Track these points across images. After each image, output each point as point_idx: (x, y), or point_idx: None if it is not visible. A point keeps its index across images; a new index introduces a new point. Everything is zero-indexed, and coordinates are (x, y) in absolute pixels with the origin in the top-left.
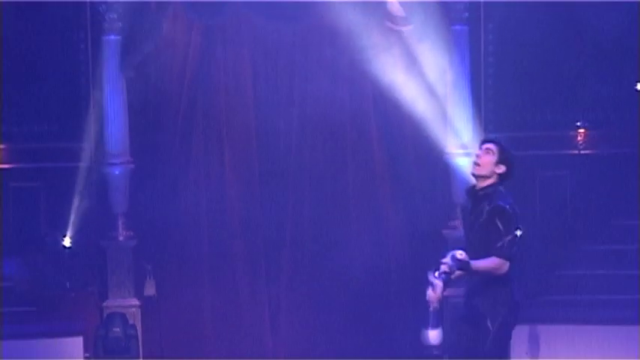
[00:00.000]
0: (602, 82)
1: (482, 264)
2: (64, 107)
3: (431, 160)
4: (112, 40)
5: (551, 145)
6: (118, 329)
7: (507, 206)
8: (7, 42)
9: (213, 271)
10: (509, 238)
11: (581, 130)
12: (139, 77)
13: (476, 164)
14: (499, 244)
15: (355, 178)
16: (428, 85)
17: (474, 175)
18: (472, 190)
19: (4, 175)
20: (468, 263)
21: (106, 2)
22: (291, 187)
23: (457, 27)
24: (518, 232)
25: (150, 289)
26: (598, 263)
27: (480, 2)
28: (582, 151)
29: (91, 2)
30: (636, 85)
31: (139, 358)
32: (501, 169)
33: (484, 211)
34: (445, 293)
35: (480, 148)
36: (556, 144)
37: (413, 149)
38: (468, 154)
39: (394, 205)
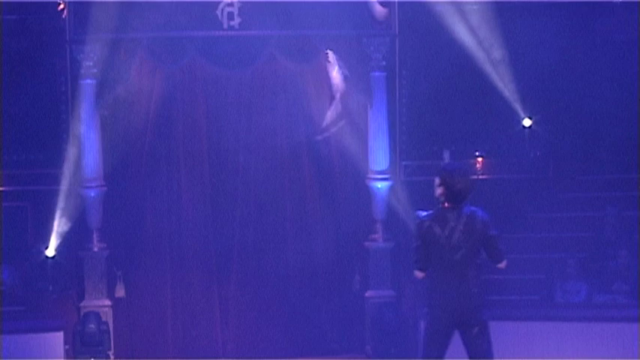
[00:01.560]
0: (496, 119)
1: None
2: (48, 139)
3: (354, 183)
4: (88, 83)
5: None
6: (92, 325)
7: (418, 221)
8: (3, 92)
9: (174, 276)
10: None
11: (480, 159)
12: (111, 114)
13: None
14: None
15: (291, 199)
16: (351, 120)
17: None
18: None
19: None
20: None
21: (83, 51)
22: (238, 206)
23: (376, 73)
24: (416, 244)
25: (120, 292)
26: (493, 269)
27: (395, 53)
28: (480, 176)
29: (70, 51)
30: (524, 120)
31: (110, 350)
32: (440, 190)
33: None
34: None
35: None
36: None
37: (339, 174)
38: (385, 179)
39: (323, 222)
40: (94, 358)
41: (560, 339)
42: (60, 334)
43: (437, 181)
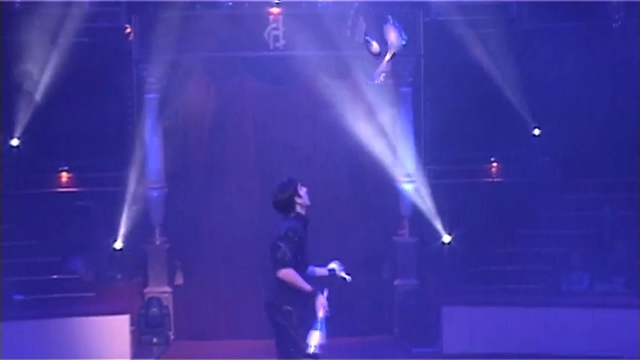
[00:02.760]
0: (509, 129)
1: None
2: (117, 146)
3: (384, 186)
4: (151, 97)
5: (474, 174)
6: (155, 309)
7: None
8: (75, 102)
9: (226, 266)
10: None
11: (495, 164)
12: (171, 124)
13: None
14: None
15: (329, 200)
16: (382, 130)
17: (308, 206)
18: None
19: (72, 197)
20: None
21: (147, 70)
22: None
23: (404, 89)
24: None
25: (179, 280)
26: (511, 260)
27: (420, 71)
28: (495, 179)
29: (136, 69)
30: (534, 130)
31: (170, 331)
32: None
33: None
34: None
35: (302, 188)
36: (477, 173)
37: (371, 178)
38: (411, 181)
39: (357, 219)
40: (156, 338)
41: (565, 323)
42: (126, 317)
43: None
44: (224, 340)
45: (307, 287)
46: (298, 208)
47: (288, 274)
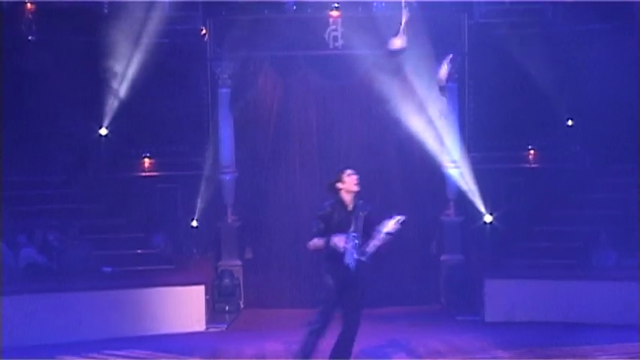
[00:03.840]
0: (544, 120)
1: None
2: (193, 135)
3: (432, 170)
4: (224, 92)
5: (513, 160)
6: (227, 280)
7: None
8: (156, 96)
9: (290, 242)
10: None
11: (532, 151)
12: (242, 116)
13: (357, 185)
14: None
15: (382, 183)
16: (430, 121)
17: (356, 191)
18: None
19: (154, 180)
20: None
21: (220, 67)
22: None
23: (450, 84)
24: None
25: (248, 254)
26: (547, 238)
27: (465, 68)
28: (532, 165)
29: (210, 66)
30: (567, 121)
31: (241, 300)
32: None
33: (361, 211)
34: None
35: (350, 175)
36: (515, 160)
37: (419, 164)
38: (457, 167)
39: (407, 201)
40: (228, 306)
41: (594, 295)
42: (202, 288)
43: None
44: (288, 308)
45: (320, 242)
46: (342, 193)
47: (309, 245)
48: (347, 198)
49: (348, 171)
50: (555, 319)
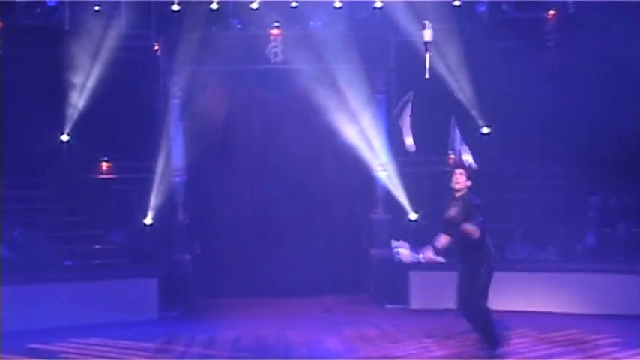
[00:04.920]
0: (463, 127)
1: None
2: (147, 141)
3: (363, 174)
4: (175, 102)
5: (435, 164)
6: (178, 272)
7: (478, 202)
8: (113, 105)
9: (235, 238)
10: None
11: (452, 156)
12: (191, 124)
13: (456, 183)
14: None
15: (319, 185)
16: (361, 130)
17: (454, 188)
18: (452, 195)
19: (112, 182)
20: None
21: (171, 80)
22: (282, 190)
23: (379, 95)
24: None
25: (197, 249)
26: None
27: (392, 81)
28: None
29: (162, 79)
30: (484, 128)
31: (191, 290)
32: (469, 183)
33: (461, 205)
34: None
35: (454, 173)
36: (437, 163)
37: (352, 168)
38: (385, 170)
39: (341, 200)
40: (179, 296)
41: (508, 284)
42: (154, 280)
43: (464, 177)
44: (235, 297)
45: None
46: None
47: (472, 229)
48: (453, 194)
49: (456, 170)
50: None
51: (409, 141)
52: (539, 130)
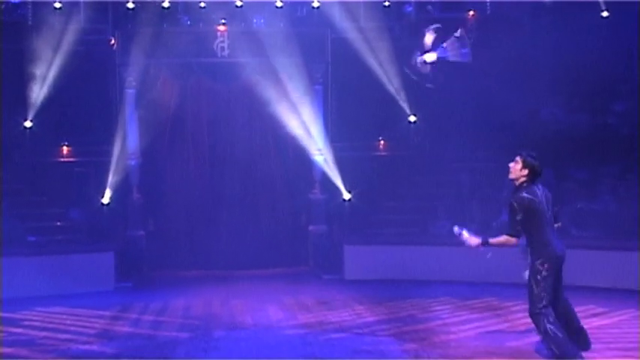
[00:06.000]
0: (392, 116)
1: (495, 240)
2: (105, 127)
3: (302, 157)
4: (130, 92)
5: (367, 149)
6: (133, 247)
7: (512, 201)
8: (73, 94)
9: (186, 215)
10: (512, 222)
11: (382, 142)
12: (145, 112)
13: (509, 172)
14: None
15: (261, 168)
16: (300, 118)
17: (511, 178)
18: (512, 184)
19: (72, 165)
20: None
21: (126, 71)
22: (227, 170)
23: (316, 86)
24: (519, 217)
25: (150, 226)
26: (394, 212)
27: (328, 73)
28: (382, 153)
29: (118, 71)
30: (410, 117)
31: (144, 263)
32: (525, 172)
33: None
34: None
35: (513, 160)
36: (369, 148)
37: (292, 152)
38: (322, 154)
39: (282, 181)
40: (134, 269)
41: (432, 258)
42: (111, 254)
43: (519, 165)
44: (184, 270)
45: None
46: None
47: None
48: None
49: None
50: (401, 277)
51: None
52: (462, 119)
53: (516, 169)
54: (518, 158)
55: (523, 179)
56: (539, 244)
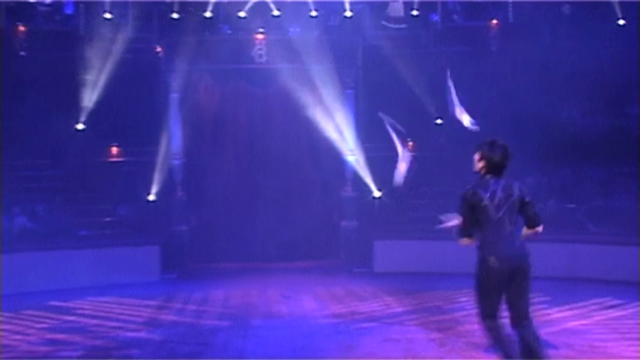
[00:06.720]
0: (419, 118)
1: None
2: (151, 129)
3: (334, 157)
4: (174, 96)
5: (394, 149)
6: (176, 241)
7: (463, 192)
8: (122, 98)
9: (226, 211)
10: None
11: (410, 142)
12: (188, 115)
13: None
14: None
15: (295, 166)
16: (333, 120)
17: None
18: None
19: (120, 164)
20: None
21: (171, 77)
22: (264, 170)
23: (348, 91)
24: (461, 211)
25: (193, 221)
26: (420, 209)
27: (360, 78)
28: (410, 153)
29: (163, 76)
30: (436, 120)
31: (187, 256)
32: (481, 164)
33: None
34: None
35: None
36: (396, 149)
37: (325, 153)
38: (353, 154)
39: (315, 180)
40: (178, 261)
41: (456, 251)
42: (156, 248)
43: (477, 156)
44: (225, 262)
45: None
46: None
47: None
48: None
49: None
50: (427, 270)
51: (466, 120)
52: (484, 122)
53: (475, 161)
54: (479, 151)
55: (482, 172)
56: (480, 245)
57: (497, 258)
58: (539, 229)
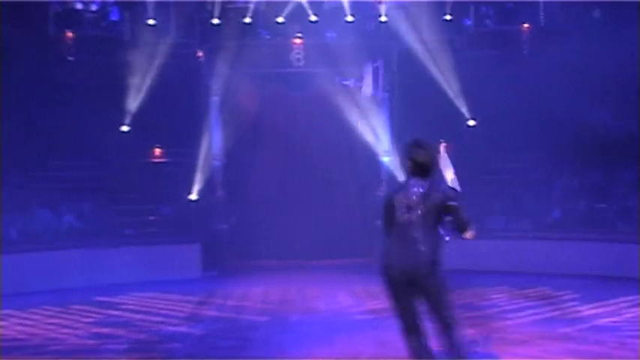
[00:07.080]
0: (452, 120)
1: None
2: (192, 131)
3: (369, 158)
4: (215, 99)
5: None
6: (217, 239)
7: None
8: (164, 101)
9: (265, 210)
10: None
11: (444, 143)
12: (228, 117)
13: None
14: None
15: (333, 167)
16: (369, 121)
17: None
18: None
19: (163, 165)
20: None
21: (211, 80)
22: (304, 169)
23: (384, 94)
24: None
25: (233, 220)
26: None
27: (396, 81)
28: (443, 154)
29: (204, 80)
30: (470, 121)
31: (228, 254)
32: (408, 164)
33: None
34: None
35: None
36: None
37: (361, 153)
38: (388, 155)
39: (352, 180)
40: (218, 259)
41: (487, 250)
42: (198, 245)
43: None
44: (263, 259)
45: None
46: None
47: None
48: None
49: None
50: (460, 267)
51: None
52: (516, 124)
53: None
54: None
55: (408, 172)
56: (383, 250)
57: (391, 264)
58: (467, 235)
